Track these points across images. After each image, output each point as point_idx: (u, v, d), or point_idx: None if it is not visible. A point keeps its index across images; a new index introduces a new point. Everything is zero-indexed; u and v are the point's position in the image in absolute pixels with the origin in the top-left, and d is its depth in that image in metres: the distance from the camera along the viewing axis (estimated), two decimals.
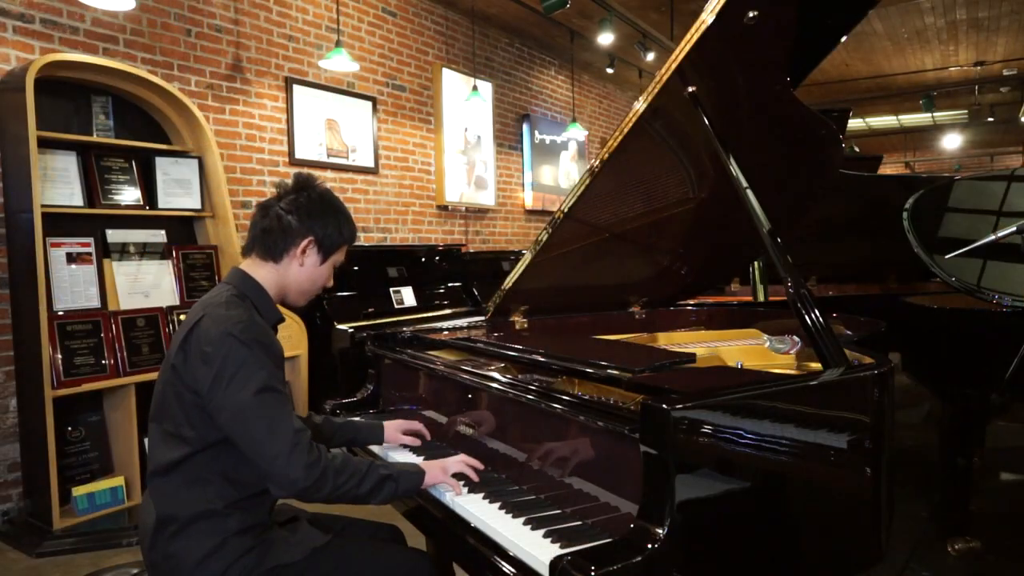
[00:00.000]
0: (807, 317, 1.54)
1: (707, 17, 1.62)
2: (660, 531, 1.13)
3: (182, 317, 3.76)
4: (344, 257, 1.68)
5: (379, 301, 4.68)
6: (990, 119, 11.22)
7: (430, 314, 4.83)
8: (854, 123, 12.52)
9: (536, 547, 1.25)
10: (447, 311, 5.05)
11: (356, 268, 4.61)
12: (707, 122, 1.83)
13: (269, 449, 1.36)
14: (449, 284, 5.33)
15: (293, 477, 1.36)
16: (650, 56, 7.08)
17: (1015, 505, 3.14)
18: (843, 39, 2.00)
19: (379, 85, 5.68)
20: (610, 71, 7.69)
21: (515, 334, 2.36)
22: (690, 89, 1.83)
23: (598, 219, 2.23)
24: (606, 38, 6.37)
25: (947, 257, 2.71)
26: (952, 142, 13.69)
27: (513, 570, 1.25)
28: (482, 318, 2.46)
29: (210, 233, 4.14)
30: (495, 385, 1.66)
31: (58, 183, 3.48)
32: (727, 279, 4.32)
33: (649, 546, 1.12)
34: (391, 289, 4.81)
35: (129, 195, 3.77)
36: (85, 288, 3.50)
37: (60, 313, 3.35)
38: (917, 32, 7.77)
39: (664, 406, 1.16)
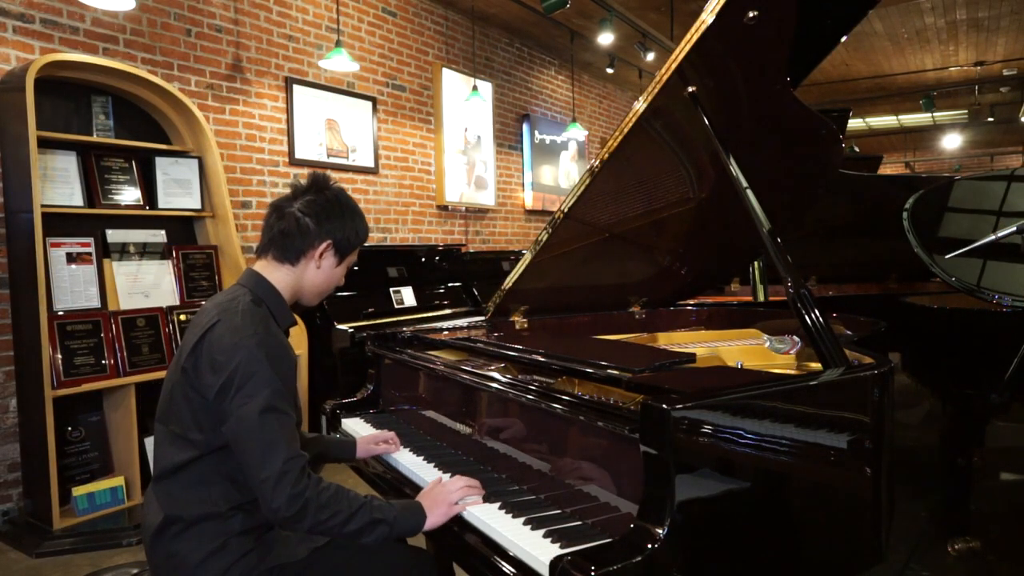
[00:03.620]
0: (807, 317, 1.54)
1: (707, 17, 1.63)
2: (660, 531, 1.13)
3: (182, 317, 3.76)
4: (357, 257, 1.68)
5: (379, 301, 4.68)
6: (990, 119, 11.22)
7: (430, 314, 4.83)
8: (854, 123, 12.52)
9: (536, 547, 1.24)
10: (447, 311, 5.05)
11: (356, 268, 4.59)
12: (707, 122, 1.83)
13: (259, 471, 1.35)
14: (449, 284, 5.33)
15: (275, 505, 1.34)
16: (650, 56, 7.08)
17: (1015, 505, 3.13)
18: (843, 39, 2.00)
19: (379, 85, 5.68)
20: (610, 71, 7.69)
21: (515, 334, 2.36)
22: (690, 89, 1.83)
23: (598, 219, 2.23)
24: (606, 38, 6.37)
25: (947, 257, 2.71)
26: (952, 142, 13.68)
27: (513, 570, 1.25)
28: (482, 318, 2.46)
29: (210, 233, 4.14)
30: (495, 385, 1.66)
31: (58, 183, 3.48)
32: (727, 279, 4.32)
33: (649, 546, 1.12)
34: (391, 289, 4.82)
35: (129, 195, 3.77)
36: (85, 288, 3.50)
37: (60, 313, 3.35)
38: (917, 32, 7.77)
39: (664, 406, 1.16)
